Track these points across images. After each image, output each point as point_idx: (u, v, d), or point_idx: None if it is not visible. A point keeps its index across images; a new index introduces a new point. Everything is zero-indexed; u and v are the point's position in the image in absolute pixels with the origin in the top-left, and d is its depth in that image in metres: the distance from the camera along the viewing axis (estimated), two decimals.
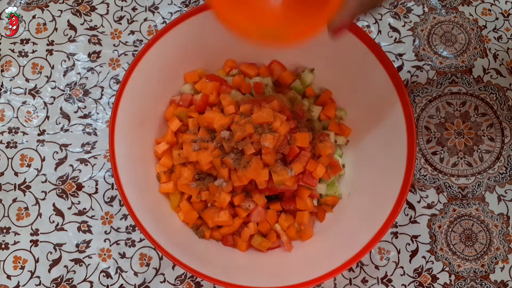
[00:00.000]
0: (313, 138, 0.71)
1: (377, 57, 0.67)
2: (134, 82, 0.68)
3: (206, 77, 0.76)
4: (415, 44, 0.85)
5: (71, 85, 0.83)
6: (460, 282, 0.74)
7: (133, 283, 0.74)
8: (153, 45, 0.69)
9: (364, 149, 0.74)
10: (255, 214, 0.69)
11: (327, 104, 0.76)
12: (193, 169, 0.69)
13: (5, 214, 0.77)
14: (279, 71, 0.77)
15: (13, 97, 0.83)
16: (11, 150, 0.80)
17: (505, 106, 0.82)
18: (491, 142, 0.80)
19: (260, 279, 0.64)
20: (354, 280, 0.74)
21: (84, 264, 0.75)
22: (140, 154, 0.71)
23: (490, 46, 0.85)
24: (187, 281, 0.74)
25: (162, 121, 0.75)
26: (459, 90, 0.83)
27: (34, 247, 0.76)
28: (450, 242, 0.76)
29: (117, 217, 0.77)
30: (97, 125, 0.81)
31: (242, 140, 0.65)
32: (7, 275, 0.74)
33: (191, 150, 0.68)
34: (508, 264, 0.75)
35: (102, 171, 0.79)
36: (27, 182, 0.78)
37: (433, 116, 0.82)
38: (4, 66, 0.84)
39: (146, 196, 0.69)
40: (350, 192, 0.73)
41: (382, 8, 0.86)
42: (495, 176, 0.79)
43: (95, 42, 0.85)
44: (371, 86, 0.71)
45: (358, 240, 0.63)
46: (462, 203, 0.77)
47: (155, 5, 0.87)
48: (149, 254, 0.75)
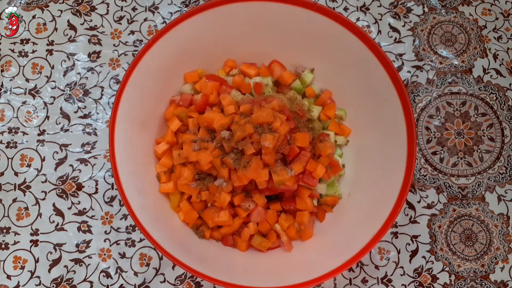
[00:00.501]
0: (313, 138, 0.71)
1: (377, 57, 0.67)
2: (134, 82, 0.68)
3: (206, 77, 0.76)
4: (415, 44, 0.85)
5: (71, 85, 0.83)
6: (460, 282, 0.74)
7: (133, 283, 0.74)
8: (153, 45, 0.69)
9: (364, 149, 0.74)
10: (255, 214, 0.69)
11: (327, 104, 0.76)
12: (193, 169, 0.69)
13: (5, 214, 0.77)
14: (279, 71, 0.77)
15: (13, 97, 0.83)
16: (11, 150, 0.80)
17: (505, 106, 0.82)
18: (491, 142, 0.80)
19: (260, 279, 0.64)
20: (354, 280, 0.74)
21: (84, 264, 0.75)
22: (140, 154, 0.71)
23: (490, 46, 0.85)
24: (187, 281, 0.74)
25: (162, 121, 0.75)
26: (459, 90, 0.83)
27: (34, 247, 0.76)
28: (450, 242, 0.76)
29: (117, 217, 0.77)
30: (97, 125, 0.81)
31: (242, 140, 0.65)
32: (7, 275, 0.74)
33: (191, 150, 0.68)
34: (508, 264, 0.75)
35: (102, 171, 0.79)
36: (27, 182, 0.78)
37: (433, 116, 0.82)
38: (4, 66, 0.84)
39: (146, 196, 0.69)
40: (350, 192, 0.73)
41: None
42: (495, 176, 0.79)
43: (95, 42, 0.85)
44: (371, 86, 0.70)
45: (358, 240, 0.63)
46: (462, 203, 0.77)
47: (155, 5, 0.87)
48: (149, 254, 0.75)
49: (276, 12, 0.71)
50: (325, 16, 0.69)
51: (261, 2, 0.70)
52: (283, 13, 0.71)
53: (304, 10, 0.70)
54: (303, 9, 0.69)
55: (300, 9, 0.70)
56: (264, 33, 0.74)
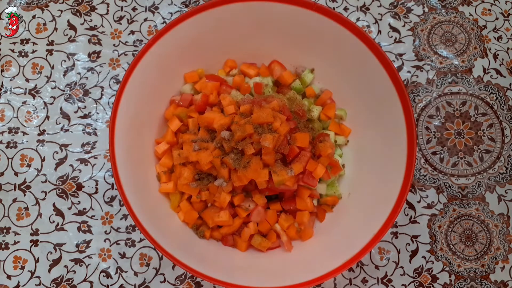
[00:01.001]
0: (313, 138, 0.71)
1: (377, 57, 0.67)
2: (134, 82, 0.68)
3: (206, 77, 0.76)
4: (415, 44, 0.85)
5: (71, 85, 0.83)
6: (460, 282, 0.74)
7: (133, 283, 0.74)
8: (153, 45, 0.69)
9: (364, 149, 0.74)
10: (255, 214, 0.69)
11: (327, 104, 0.76)
12: (193, 169, 0.69)
13: (5, 214, 0.77)
14: (279, 71, 0.77)
15: (13, 97, 0.83)
16: (11, 150, 0.80)
17: (505, 106, 0.82)
18: (491, 142, 0.80)
19: (260, 279, 0.64)
20: (354, 280, 0.74)
21: (84, 264, 0.75)
22: (140, 154, 0.71)
23: (490, 46, 0.85)
24: (187, 281, 0.74)
25: (162, 121, 0.75)
26: (459, 90, 0.83)
27: (34, 247, 0.76)
28: (450, 242, 0.76)
29: (117, 217, 0.77)
30: (97, 125, 0.81)
31: (242, 140, 0.65)
32: (7, 275, 0.74)
33: (191, 150, 0.68)
34: (508, 264, 0.75)
35: (102, 171, 0.79)
36: (27, 182, 0.78)
37: (433, 116, 0.82)
38: (4, 66, 0.84)
39: (146, 196, 0.69)
40: (350, 192, 0.73)
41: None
42: (495, 176, 0.79)
43: (95, 42, 0.85)
44: (371, 86, 0.70)
45: (358, 240, 0.63)
46: (462, 203, 0.77)
47: (155, 5, 0.87)
48: (149, 254, 0.75)
49: (276, 12, 0.71)
50: (325, 16, 0.69)
51: (261, 2, 0.70)
52: (283, 13, 0.71)
53: (304, 10, 0.70)
54: (303, 9, 0.69)
55: (300, 9, 0.70)
56: (264, 33, 0.74)
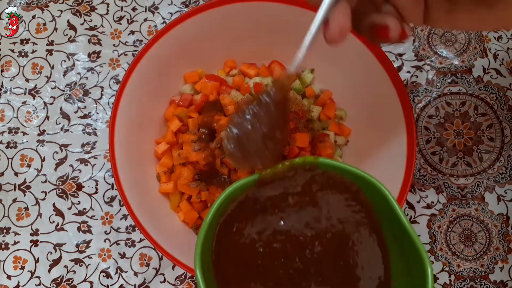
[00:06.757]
0: (313, 138, 0.71)
1: (377, 57, 0.67)
2: (134, 82, 0.68)
3: (206, 77, 0.76)
4: (415, 44, 0.85)
5: (71, 85, 0.83)
6: (460, 282, 0.74)
7: (133, 283, 0.74)
8: (153, 45, 0.69)
9: (364, 149, 0.74)
10: None
11: (327, 104, 0.76)
12: (193, 169, 0.69)
13: (5, 214, 0.77)
14: (279, 71, 0.77)
15: (13, 97, 0.83)
16: (11, 150, 0.80)
17: (505, 106, 0.82)
18: (491, 142, 0.80)
19: None
20: None
21: (84, 264, 0.75)
22: (140, 154, 0.71)
23: (490, 46, 0.85)
24: (187, 281, 0.74)
25: (162, 121, 0.75)
26: (459, 90, 0.83)
27: (34, 247, 0.76)
28: (449, 242, 0.76)
29: (117, 217, 0.77)
30: (97, 125, 0.81)
31: None
32: (7, 275, 0.74)
33: (191, 150, 0.68)
34: (507, 264, 0.75)
35: (102, 171, 0.79)
36: (27, 182, 0.78)
37: (433, 116, 0.82)
38: (4, 66, 0.84)
39: (146, 196, 0.69)
40: None
41: None
42: (494, 176, 0.79)
43: (95, 42, 0.85)
44: (371, 86, 0.71)
45: None
46: (462, 203, 0.77)
47: (155, 5, 0.87)
48: (149, 254, 0.75)
49: (276, 12, 0.71)
50: None
51: (261, 2, 0.70)
52: (283, 13, 0.71)
53: (304, 10, 0.70)
54: (303, 9, 0.69)
55: (300, 9, 0.70)
56: (264, 33, 0.74)
